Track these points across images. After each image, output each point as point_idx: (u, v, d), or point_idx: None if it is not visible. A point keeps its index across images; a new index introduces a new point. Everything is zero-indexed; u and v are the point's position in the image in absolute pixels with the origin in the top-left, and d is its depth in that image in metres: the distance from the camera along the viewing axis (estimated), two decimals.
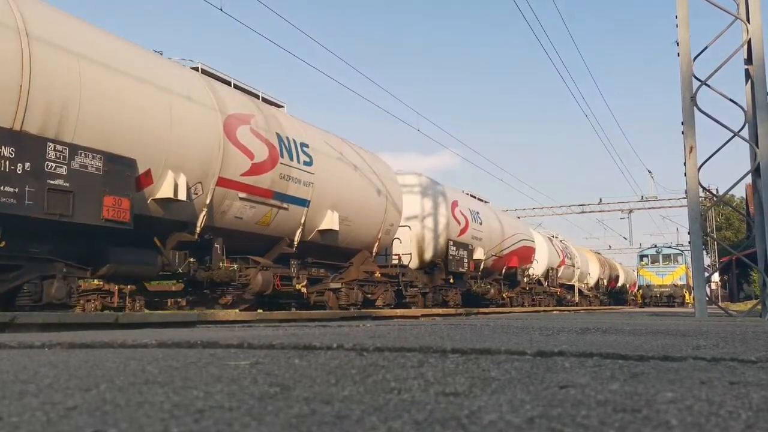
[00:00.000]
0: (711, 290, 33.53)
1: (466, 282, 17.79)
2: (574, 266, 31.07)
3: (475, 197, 20.49)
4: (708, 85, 9.24)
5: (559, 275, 28.11)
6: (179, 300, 10.74)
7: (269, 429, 1.01)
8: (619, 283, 43.81)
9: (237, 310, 9.62)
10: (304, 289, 10.77)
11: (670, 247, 42.23)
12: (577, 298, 31.24)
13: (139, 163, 7.13)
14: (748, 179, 9.71)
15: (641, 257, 42.25)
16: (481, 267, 18.80)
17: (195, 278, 8.48)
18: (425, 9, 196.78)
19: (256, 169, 9.11)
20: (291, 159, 9.98)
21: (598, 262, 36.74)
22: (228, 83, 9.75)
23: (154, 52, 8.43)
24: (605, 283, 37.93)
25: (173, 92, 7.87)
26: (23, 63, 6.13)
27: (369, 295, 12.77)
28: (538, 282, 25.57)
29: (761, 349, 2.59)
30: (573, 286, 31.14)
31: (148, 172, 7.33)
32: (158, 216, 7.72)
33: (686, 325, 5.12)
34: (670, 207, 40.18)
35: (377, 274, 12.80)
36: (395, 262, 14.52)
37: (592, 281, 35.11)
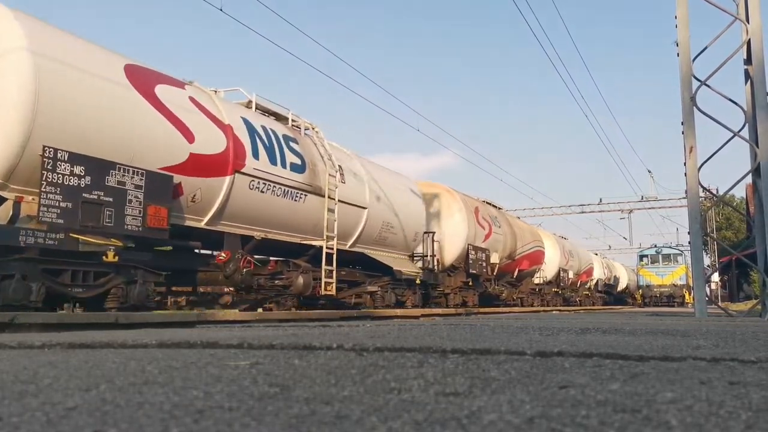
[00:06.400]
0: (711, 290, 33.47)
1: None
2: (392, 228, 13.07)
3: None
4: (708, 86, 9.25)
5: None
6: (179, 300, 10.78)
7: (269, 429, 1.01)
8: (547, 269, 25.52)
9: (237, 310, 9.71)
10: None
11: (670, 247, 42.28)
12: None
13: None
14: (748, 179, 9.72)
15: (641, 257, 42.29)
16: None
17: None
18: (425, 10, 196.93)
19: None
20: None
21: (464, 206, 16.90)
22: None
23: None
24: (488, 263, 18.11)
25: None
26: None
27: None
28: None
29: (761, 349, 2.59)
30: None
31: None
32: None
33: (686, 325, 5.12)
34: (670, 207, 40.23)
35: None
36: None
37: (449, 257, 16.42)
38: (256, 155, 9.37)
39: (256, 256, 10.00)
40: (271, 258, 10.78)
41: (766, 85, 8.78)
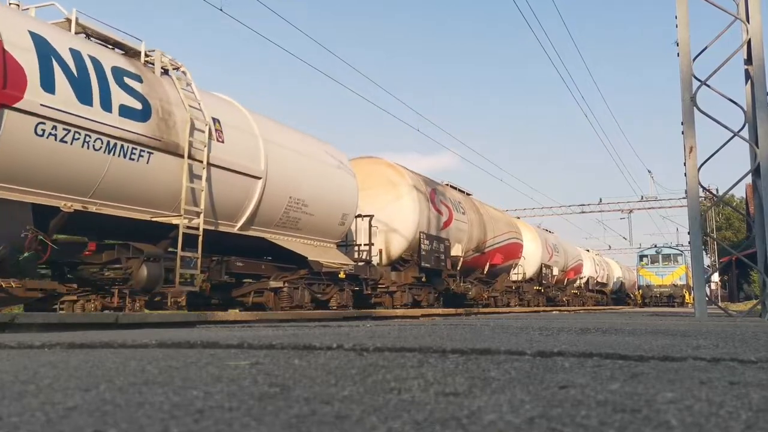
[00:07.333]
0: (711, 290, 33.45)
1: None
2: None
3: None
4: (708, 86, 9.25)
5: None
6: (179, 300, 10.77)
7: (269, 429, 1.01)
8: (526, 264, 22.83)
9: (237, 311, 9.66)
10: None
11: (670, 247, 42.30)
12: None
13: None
14: (748, 179, 9.72)
15: (641, 257, 42.31)
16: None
17: None
18: (425, 10, 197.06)
19: None
20: None
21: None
22: None
23: None
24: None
25: None
26: None
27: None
28: None
29: (761, 349, 2.59)
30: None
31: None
32: None
33: (686, 325, 5.12)
34: (670, 207, 40.32)
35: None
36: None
37: (395, 247, 14.20)
38: (49, 87, 6.44)
39: (70, 237, 7.33)
40: (104, 241, 8.02)
41: (766, 85, 8.78)
